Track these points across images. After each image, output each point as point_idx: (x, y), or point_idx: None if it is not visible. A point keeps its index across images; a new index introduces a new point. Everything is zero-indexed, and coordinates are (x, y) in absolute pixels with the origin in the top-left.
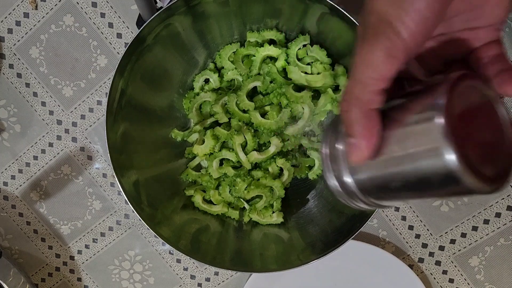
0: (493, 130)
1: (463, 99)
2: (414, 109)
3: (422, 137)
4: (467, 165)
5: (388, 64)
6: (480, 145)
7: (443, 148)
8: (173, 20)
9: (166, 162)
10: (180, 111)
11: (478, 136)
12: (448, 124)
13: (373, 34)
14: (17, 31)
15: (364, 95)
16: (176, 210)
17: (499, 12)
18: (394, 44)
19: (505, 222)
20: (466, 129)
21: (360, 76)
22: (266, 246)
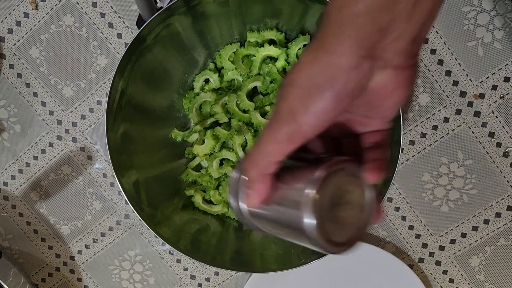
0: (356, 207)
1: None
2: (298, 178)
3: (296, 202)
4: (321, 233)
5: (288, 144)
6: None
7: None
8: (173, 20)
9: (166, 162)
10: (180, 111)
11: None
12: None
13: (281, 119)
14: (17, 31)
15: (263, 162)
16: (176, 210)
17: (389, 114)
18: (295, 132)
19: (505, 222)
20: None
21: (263, 148)
22: (266, 246)
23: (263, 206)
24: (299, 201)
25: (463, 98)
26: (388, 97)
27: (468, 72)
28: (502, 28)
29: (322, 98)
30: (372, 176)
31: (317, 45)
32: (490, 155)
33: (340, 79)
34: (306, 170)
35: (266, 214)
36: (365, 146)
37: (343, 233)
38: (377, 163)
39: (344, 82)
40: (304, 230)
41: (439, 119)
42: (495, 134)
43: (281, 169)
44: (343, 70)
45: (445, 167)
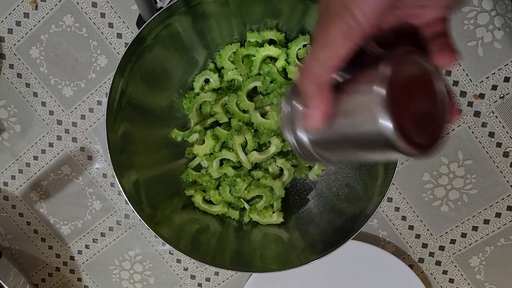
0: (430, 102)
1: (404, 72)
2: (361, 81)
3: (366, 106)
4: (401, 133)
5: (345, 45)
6: (416, 115)
7: (382, 117)
8: (173, 20)
9: (166, 162)
10: (180, 111)
11: (415, 106)
12: (388, 97)
13: (333, 17)
14: (17, 31)
15: (319, 71)
16: (176, 210)
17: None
18: (351, 27)
19: (505, 222)
20: (405, 99)
21: (317, 54)
22: (266, 246)
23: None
24: (369, 103)
25: (463, 98)
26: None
27: (468, 72)
28: (502, 28)
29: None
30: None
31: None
32: (490, 155)
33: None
34: (369, 70)
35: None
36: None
37: (423, 133)
38: (445, 46)
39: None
40: (381, 135)
41: None
42: (495, 134)
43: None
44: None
45: (445, 167)
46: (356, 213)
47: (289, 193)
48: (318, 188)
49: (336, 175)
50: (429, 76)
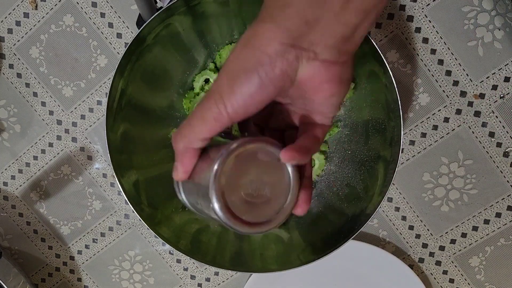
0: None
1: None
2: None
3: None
4: (225, 210)
5: (214, 124)
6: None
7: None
8: (173, 20)
9: (166, 162)
10: (180, 111)
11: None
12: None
13: (210, 99)
14: (17, 31)
15: (190, 137)
16: (176, 210)
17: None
18: (220, 113)
19: (506, 222)
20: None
21: (191, 123)
22: (266, 246)
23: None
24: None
25: (463, 98)
26: (318, 90)
27: (468, 72)
28: (502, 28)
29: (247, 81)
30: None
31: (250, 31)
32: (490, 155)
33: (265, 64)
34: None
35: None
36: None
37: (258, 214)
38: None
39: (269, 67)
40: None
41: (439, 119)
42: (495, 134)
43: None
44: (269, 56)
45: (445, 167)
46: (356, 213)
47: None
48: (318, 188)
49: (336, 175)
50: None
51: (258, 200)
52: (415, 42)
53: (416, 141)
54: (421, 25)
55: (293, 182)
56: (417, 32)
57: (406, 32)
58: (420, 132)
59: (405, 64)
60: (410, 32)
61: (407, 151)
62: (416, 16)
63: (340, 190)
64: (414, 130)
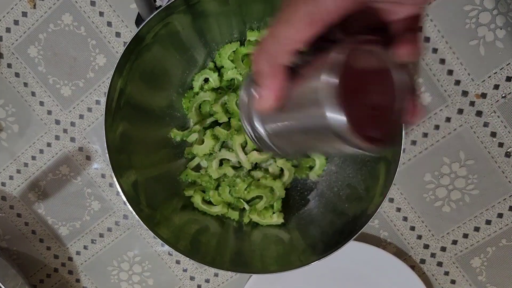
0: (387, 96)
1: (361, 62)
2: (314, 67)
3: (317, 94)
4: (351, 125)
5: (308, 29)
6: (370, 108)
7: (331, 107)
8: (172, 19)
9: (165, 162)
10: (179, 110)
11: (370, 98)
12: (338, 86)
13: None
14: (15, 30)
15: (276, 51)
16: (176, 211)
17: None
18: (318, 9)
19: (507, 222)
20: (358, 90)
21: (278, 34)
22: (266, 247)
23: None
24: (318, 91)
25: (465, 97)
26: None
27: (470, 72)
28: (504, 27)
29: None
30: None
31: None
32: (492, 155)
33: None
34: (323, 59)
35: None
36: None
37: (377, 126)
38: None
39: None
40: (332, 127)
41: (440, 118)
42: (497, 134)
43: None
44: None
45: (447, 167)
46: (357, 214)
47: (290, 194)
48: (319, 188)
49: (337, 175)
50: (388, 70)
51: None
52: None
53: (417, 141)
54: (423, 24)
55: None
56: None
57: None
58: (421, 132)
59: None
60: None
61: (408, 151)
62: None
63: (341, 191)
64: (416, 130)
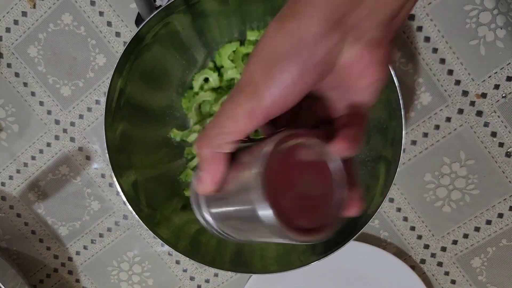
0: (323, 187)
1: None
2: (250, 157)
3: (247, 184)
4: (279, 217)
5: (247, 121)
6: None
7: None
8: (172, 19)
9: (165, 162)
10: (179, 110)
11: (303, 189)
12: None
13: (241, 92)
14: (15, 30)
15: (218, 140)
16: (176, 211)
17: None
18: (256, 106)
19: (508, 223)
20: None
21: (220, 124)
22: (266, 247)
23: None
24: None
25: (465, 97)
26: (360, 76)
27: (470, 71)
28: (504, 27)
29: (286, 68)
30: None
31: (284, 12)
32: (492, 155)
33: (306, 48)
34: (256, 148)
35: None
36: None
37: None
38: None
39: (311, 51)
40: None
41: (441, 118)
42: (497, 133)
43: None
44: (310, 39)
45: (447, 167)
46: None
47: None
48: None
49: None
50: (324, 162)
51: (306, 203)
52: (417, 41)
53: (417, 141)
54: (423, 24)
55: (341, 179)
56: (419, 31)
57: (408, 31)
58: (421, 132)
59: (406, 63)
60: (412, 31)
61: (408, 151)
62: (417, 15)
63: None
64: (416, 130)
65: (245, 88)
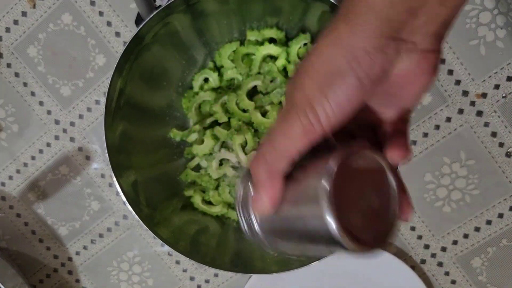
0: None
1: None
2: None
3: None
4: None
5: (304, 140)
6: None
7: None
8: (172, 19)
9: (165, 162)
10: (179, 110)
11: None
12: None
13: (296, 110)
14: (15, 30)
15: (274, 160)
16: (175, 211)
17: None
18: (312, 125)
19: (508, 223)
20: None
21: (275, 143)
22: None
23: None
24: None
25: (465, 97)
26: (410, 83)
27: (470, 71)
28: (505, 27)
29: (344, 84)
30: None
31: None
32: (492, 155)
33: (364, 62)
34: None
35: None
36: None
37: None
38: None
39: (367, 67)
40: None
41: (441, 118)
42: (498, 134)
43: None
44: (368, 52)
45: (447, 167)
46: None
47: None
48: None
49: None
50: (382, 172)
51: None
52: None
53: (417, 141)
54: None
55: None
56: None
57: None
58: (421, 132)
59: None
60: None
61: None
62: None
63: None
64: (416, 130)
65: (300, 107)
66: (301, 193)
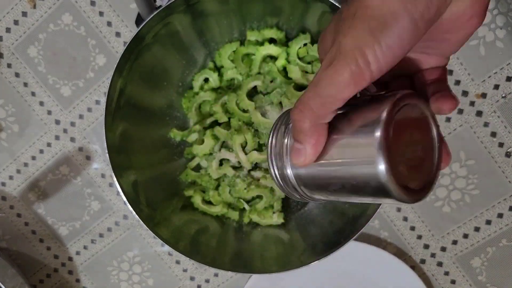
0: (424, 147)
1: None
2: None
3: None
4: (395, 178)
5: (351, 87)
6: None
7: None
8: (172, 19)
9: (165, 162)
10: (179, 110)
11: (409, 150)
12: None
13: (345, 57)
14: (15, 30)
15: (319, 109)
16: (175, 211)
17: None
18: (361, 72)
19: (507, 222)
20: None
21: (321, 92)
22: (266, 247)
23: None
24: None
25: (465, 97)
26: (460, 28)
27: (470, 71)
28: (504, 27)
29: (397, 27)
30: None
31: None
32: (492, 155)
33: (420, 3)
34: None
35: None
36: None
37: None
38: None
39: (425, 7)
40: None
41: (441, 118)
42: (497, 134)
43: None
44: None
45: (447, 167)
46: (357, 214)
47: None
48: None
49: None
50: (426, 121)
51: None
52: None
53: None
54: None
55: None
56: None
57: None
58: None
59: None
60: None
61: None
62: None
63: None
64: None
65: (349, 53)
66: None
